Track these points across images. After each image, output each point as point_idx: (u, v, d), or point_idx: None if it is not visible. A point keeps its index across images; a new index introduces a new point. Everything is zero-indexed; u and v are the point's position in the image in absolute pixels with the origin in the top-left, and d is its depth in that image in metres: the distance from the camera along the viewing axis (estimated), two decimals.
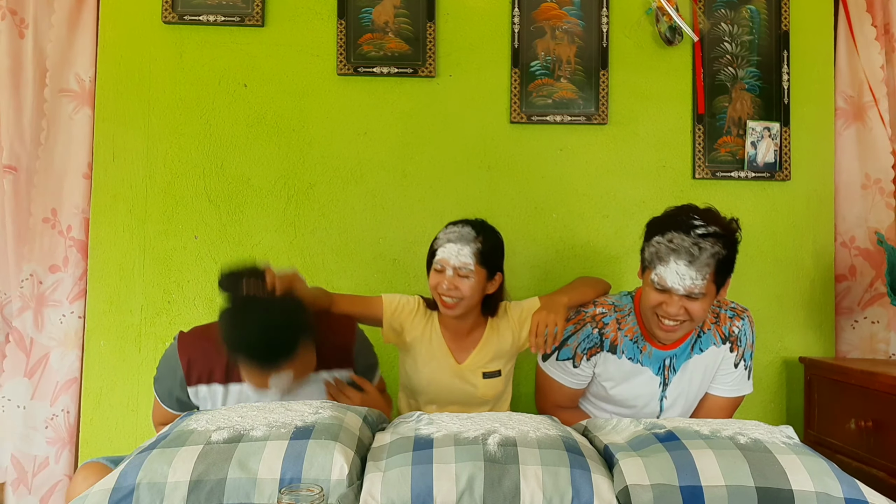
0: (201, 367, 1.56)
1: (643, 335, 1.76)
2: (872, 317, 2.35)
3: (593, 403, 1.90)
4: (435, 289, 1.78)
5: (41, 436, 2.22)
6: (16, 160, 2.24)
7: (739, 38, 2.36)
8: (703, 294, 1.59)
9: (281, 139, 2.29)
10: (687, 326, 1.66)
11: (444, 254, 1.75)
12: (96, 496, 1.15)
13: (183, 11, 2.26)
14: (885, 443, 1.88)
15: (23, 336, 2.23)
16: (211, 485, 1.14)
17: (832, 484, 1.18)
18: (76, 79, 2.26)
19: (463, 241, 1.75)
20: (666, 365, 1.77)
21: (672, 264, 1.58)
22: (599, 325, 1.76)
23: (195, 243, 2.26)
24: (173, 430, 1.29)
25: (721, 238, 1.59)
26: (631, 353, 1.76)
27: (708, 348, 1.77)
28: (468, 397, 1.84)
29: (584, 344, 1.77)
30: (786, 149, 2.34)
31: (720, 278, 1.62)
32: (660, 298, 1.63)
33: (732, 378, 1.81)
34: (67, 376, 2.24)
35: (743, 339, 1.79)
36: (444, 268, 1.75)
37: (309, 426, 1.26)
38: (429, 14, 2.29)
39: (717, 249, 1.57)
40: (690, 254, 1.56)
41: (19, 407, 2.21)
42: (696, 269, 1.56)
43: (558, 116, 2.31)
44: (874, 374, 1.93)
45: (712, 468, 1.19)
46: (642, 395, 1.80)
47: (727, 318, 1.79)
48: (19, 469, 2.20)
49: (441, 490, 1.14)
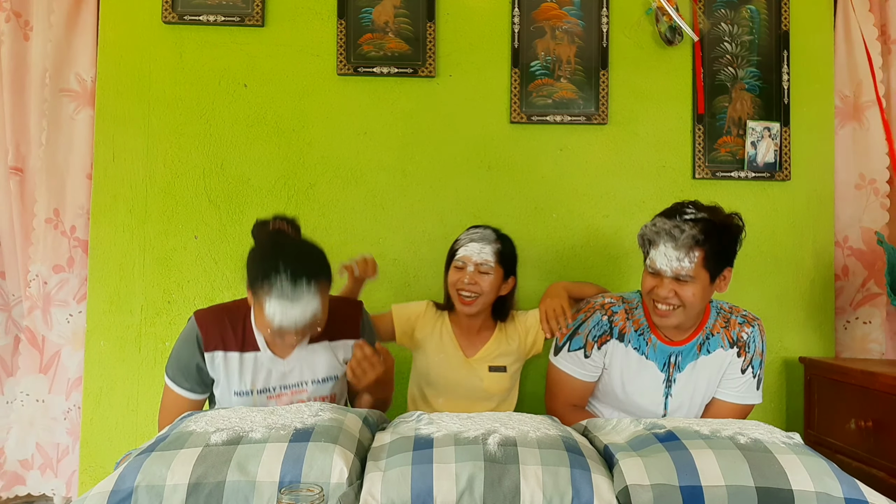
0: (218, 334, 1.63)
1: (650, 328, 1.78)
2: (864, 317, 2.35)
3: (600, 401, 1.90)
4: (454, 285, 1.87)
5: (61, 426, 2.28)
6: (21, 162, 2.26)
7: (739, 38, 2.36)
8: (691, 277, 1.63)
9: (281, 139, 2.29)
10: (680, 314, 1.68)
11: (466, 251, 1.86)
12: (94, 499, 1.15)
13: (183, 11, 2.26)
14: (885, 443, 1.88)
15: (35, 334, 2.26)
16: (210, 487, 1.14)
17: (832, 484, 1.18)
18: (77, 79, 2.27)
19: (485, 241, 1.87)
20: (671, 362, 1.77)
21: (661, 247, 1.64)
22: (609, 313, 1.80)
23: (195, 243, 2.26)
24: (172, 432, 1.29)
25: (706, 224, 1.62)
26: (637, 344, 1.78)
27: (715, 350, 1.77)
28: (474, 391, 1.89)
29: (594, 331, 1.79)
30: (786, 149, 2.34)
31: (712, 265, 1.64)
32: (653, 282, 1.69)
33: (739, 384, 1.79)
34: (77, 374, 2.28)
35: (752, 345, 1.78)
36: (465, 265, 1.86)
37: (308, 428, 1.26)
38: (429, 14, 2.29)
39: (696, 232, 1.61)
40: (672, 235, 1.62)
41: (38, 401, 2.26)
42: (681, 251, 1.61)
43: (558, 116, 2.31)
44: (874, 374, 1.93)
45: (712, 468, 1.19)
46: (647, 390, 1.79)
47: (737, 324, 1.80)
48: (45, 456, 2.27)
49: (441, 490, 1.14)
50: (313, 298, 1.52)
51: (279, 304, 1.50)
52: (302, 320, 1.51)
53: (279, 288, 1.49)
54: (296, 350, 1.67)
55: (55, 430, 2.28)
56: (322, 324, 1.59)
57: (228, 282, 2.26)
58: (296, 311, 1.51)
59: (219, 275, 2.26)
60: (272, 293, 1.50)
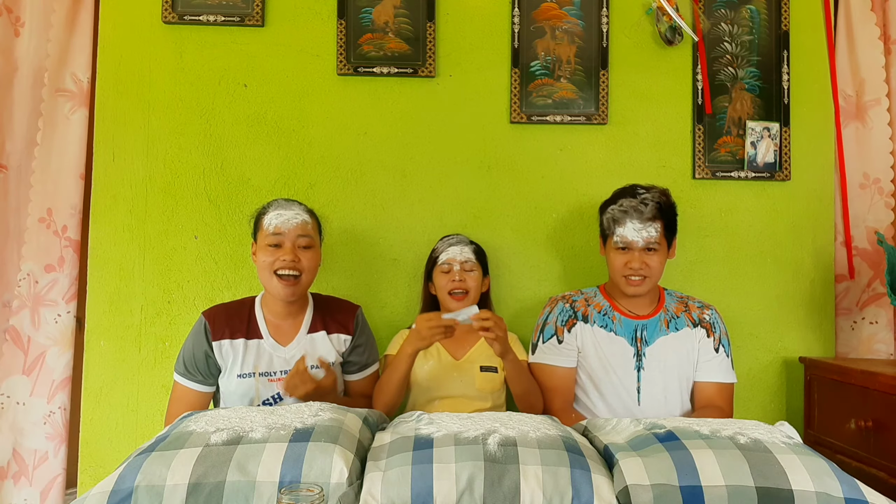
0: (225, 324, 1.81)
1: (612, 307, 1.97)
2: (871, 317, 2.36)
3: (581, 389, 1.96)
4: (444, 288, 1.99)
5: (41, 431, 2.24)
6: (6, 159, 2.24)
7: (739, 38, 2.36)
8: (658, 245, 1.87)
9: (281, 139, 2.29)
10: (649, 283, 1.89)
11: (449, 255, 2.00)
12: (94, 498, 1.15)
13: (183, 11, 2.26)
14: (885, 443, 1.88)
15: (20, 334, 2.24)
16: (210, 488, 1.14)
17: (832, 484, 1.18)
18: (73, 79, 2.26)
19: (462, 243, 2.03)
20: (638, 336, 1.92)
21: (628, 223, 1.86)
22: (570, 302, 2.00)
23: (195, 243, 2.26)
24: (172, 432, 1.29)
25: (661, 199, 1.88)
26: (603, 323, 1.95)
27: (682, 329, 1.94)
28: (467, 390, 1.92)
29: (560, 317, 1.97)
30: (785, 149, 2.34)
31: (668, 234, 1.90)
32: (624, 258, 1.88)
33: (716, 363, 1.93)
34: (63, 375, 2.26)
35: (716, 325, 1.97)
36: (450, 267, 1.99)
37: (308, 428, 1.26)
38: (429, 14, 2.29)
39: (655, 206, 1.86)
40: (639, 210, 1.85)
41: (19, 403, 2.23)
42: (647, 223, 1.85)
43: (558, 116, 2.31)
44: (874, 374, 1.93)
45: (712, 468, 1.19)
46: (619, 366, 1.91)
47: (696, 307, 2.00)
48: (20, 463, 2.23)
49: (441, 490, 1.14)
50: (304, 213, 1.82)
51: (275, 212, 1.80)
52: (294, 222, 1.78)
53: (276, 205, 1.83)
54: (296, 339, 1.83)
55: (34, 435, 2.23)
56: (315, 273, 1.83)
57: (228, 282, 2.26)
58: (289, 214, 1.79)
59: (219, 275, 2.26)
60: (268, 210, 1.81)
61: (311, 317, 1.88)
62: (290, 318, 1.86)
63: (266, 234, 1.79)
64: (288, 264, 1.76)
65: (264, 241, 1.80)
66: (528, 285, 2.31)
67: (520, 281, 2.31)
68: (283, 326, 1.85)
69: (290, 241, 1.78)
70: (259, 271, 1.82)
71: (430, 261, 2.06)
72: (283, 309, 1.84)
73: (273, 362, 1.81)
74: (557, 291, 2.25)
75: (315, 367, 1.82)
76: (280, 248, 1.78)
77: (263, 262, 1.78)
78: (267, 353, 1.81)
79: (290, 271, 1.77)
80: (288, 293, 1.77)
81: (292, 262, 1.76)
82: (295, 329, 1.86)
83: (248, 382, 1.78)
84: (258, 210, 1.89)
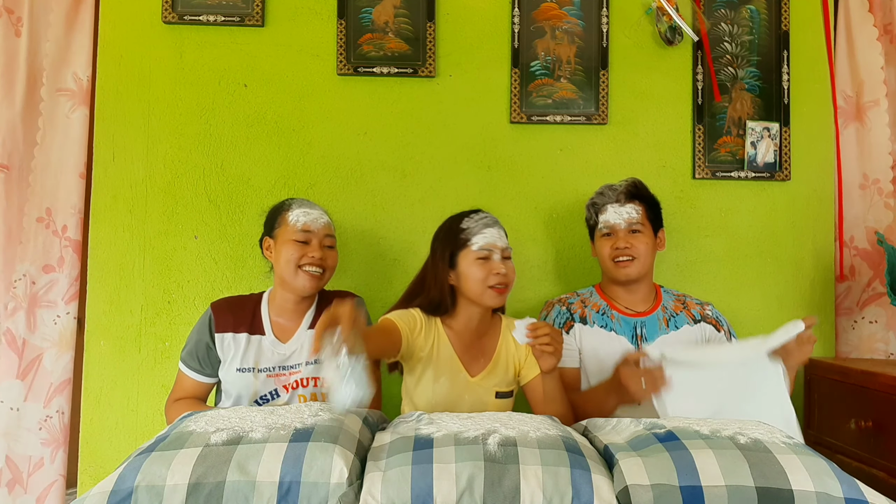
0: (230, 317, 1.84)
1: (609, 306, 1.97)
2: (871, 316, 2.36)
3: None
4: (484, 280, 1.67)
5: (35, 437, 2.21)
6: (7, 158, 2.24)
7: (739, 38, 2.36)
8: (641, 227, 1.92)
9: (281, 139, 2.29)
10: (638, 265, 1.91)
11: (488, 238, 1.67)
12: (94, 499, 1.15)
13: (183, 11, 2.26)
14: (885, 443, 1.88)
15: (15, 337, 2.21)
16: (210, 488, 1.14)
17: (832, 484, 1.18)
18: (74, 78, 2.26)
19: (496, 224, 1.72)
20: (638, 333, 1.93)
21: (609, 208, 1.94)
22: (566, 305, 2.01)
23: (195, 243, 2.26)
24: (172, 432, 1.29)
25: (638, 186, 1.96)
26: (602, 323, 1.95)
27: (682, 326, 1.95)
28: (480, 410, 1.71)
29: (558, 319, 1.98)
30: (785, 149, 2.34)
31: (652, 219, 1.95)
32: (609, 241, 1.94)
33: None
34: (62, 377, 2.23)
35: (721, 320, 2.00)
36: (491, 252, 1.66)
37: (308, 428, 1.26)
38: (429, 14, 2.29)
39: (633, 183, 1.95)
40: (615, 190, 1.95)
41: (12, 409, 2.20)
42: (627, 203, 1.92)
43: (558, 116, 2.31)
44: (874, 374, 1.93)
45: (712, 468, 1.18)
46: None
47: (695, 304, 2.02)
48: (14, 470, 2.20)
49: (441, 490, 1.14)
50: (326, 215, 1.89)
51: (300, 210, 1.84)
52: (322, 221, 1.86)
53: (298, 203, 1.87)
54: (295, 335, 1.86)
55: (28, 441, 2.20)
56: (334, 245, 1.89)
57: (228, 282, 2.26)
58: (316, 213, 1.86)
59: (219, 275, 2.26)
60: (292, 208, 1.85)
61: (313, 312, 1.90)
62: (297, 315, 1.88)
63: (293, 230, 1.83)
64: (316, 261, 1.82)
65: (290, 237, 1.83)
66: (528, 285, 2.31)
67: (520, 281, 2.28)
68: (286, 324, 1.88)
69: (317, 239, 1.84)
70: (280, 265, 1.83)
71: (452, 242, 1.70)
72: (292, 306, 1.87)
73: (273, 358, 1.84)
74: (557, 291, 2.25)
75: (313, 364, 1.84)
76: (308, 244, 1.83)
77: (289, 256, 1.81)
78: (267, 349, 1.84)
79: (316, 268, 1.83)
80: (311, 286, 1.83)
81: (321, 259, 1.83)
82: (296, 325, 1.88)
83: (247, 377, 1.81)
84: (276, 206, 1.92)
